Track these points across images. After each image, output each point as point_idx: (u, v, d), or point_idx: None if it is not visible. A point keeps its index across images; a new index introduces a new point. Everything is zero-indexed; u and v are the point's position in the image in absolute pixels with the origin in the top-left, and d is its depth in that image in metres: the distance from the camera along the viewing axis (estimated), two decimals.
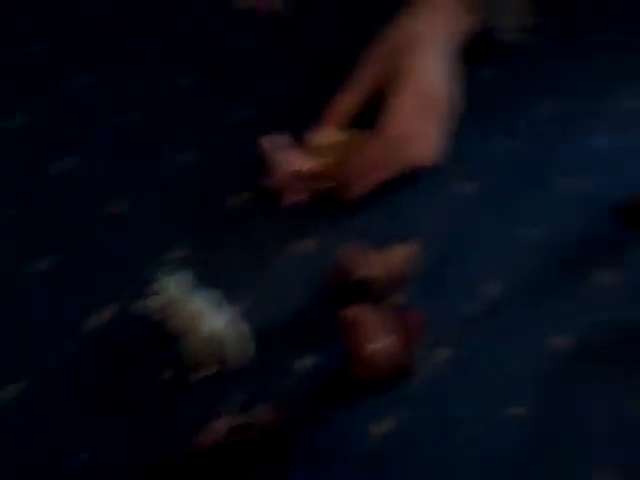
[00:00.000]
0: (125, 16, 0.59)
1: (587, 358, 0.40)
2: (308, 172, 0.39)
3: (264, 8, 0.44)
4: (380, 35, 0.45)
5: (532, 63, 0.55)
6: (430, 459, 0.36)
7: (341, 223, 0.44)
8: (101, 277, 0.41)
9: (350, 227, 0.44)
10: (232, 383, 0.37)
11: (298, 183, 0.39)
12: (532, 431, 0.37)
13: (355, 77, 0.43)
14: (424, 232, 0.44)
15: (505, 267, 0.43)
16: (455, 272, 0.43)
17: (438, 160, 0.42)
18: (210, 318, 0.35)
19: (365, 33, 0.48)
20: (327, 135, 0.41)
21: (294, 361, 0.39)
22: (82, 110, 0.52)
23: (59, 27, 0.58)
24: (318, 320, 0.39)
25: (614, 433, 0.36)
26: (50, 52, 0.56)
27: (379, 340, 0.34)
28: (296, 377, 0.38)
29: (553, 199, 0.47)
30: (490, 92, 0.52)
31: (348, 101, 0.42)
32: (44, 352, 0.38)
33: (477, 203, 0.46)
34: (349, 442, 0.37)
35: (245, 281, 0.41)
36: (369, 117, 0.43)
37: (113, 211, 0.45)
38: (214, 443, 0.32)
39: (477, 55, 0.50)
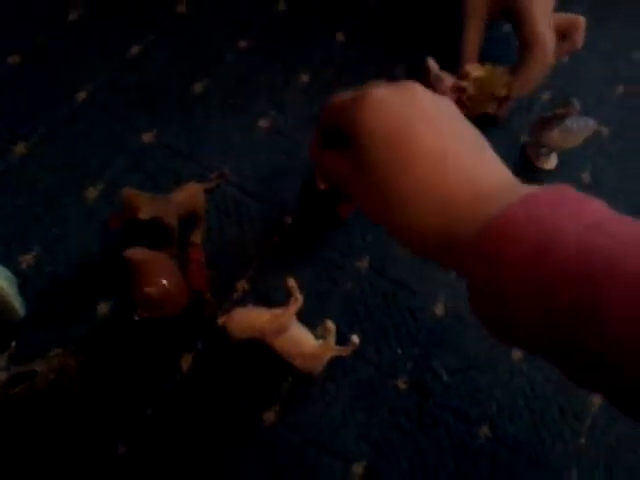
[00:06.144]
0: None
1: None
2: (463, 88, 0.46)
3: None
4: None
5: None
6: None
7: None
8: None
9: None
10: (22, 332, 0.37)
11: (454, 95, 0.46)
12: None
13: (472, 14, 0.48)
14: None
15: None
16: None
17: None
18: None
19: None
20: (474, 68, 0.47)
21: (92, 307, 0.39)
22: None
23: None
24: (113, 265, 0.39)
25: None
26: None
27: (155, 281, 0.34)
28: (95, 323, 0.38)
29: None
30: None
31: (475, 37, 0.48)
32: None
33: None
34: (160, 377, 0.37)
35: (33, 231, 0.41)
36: None
37: None
38: None
39: None
